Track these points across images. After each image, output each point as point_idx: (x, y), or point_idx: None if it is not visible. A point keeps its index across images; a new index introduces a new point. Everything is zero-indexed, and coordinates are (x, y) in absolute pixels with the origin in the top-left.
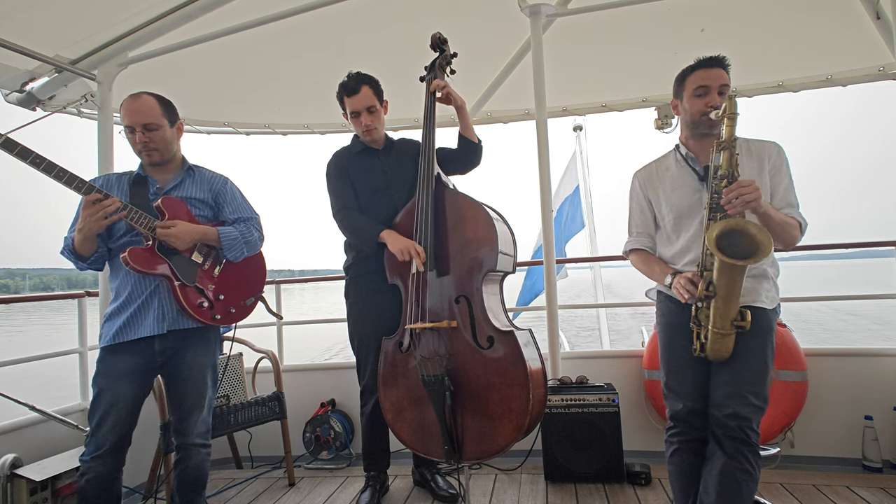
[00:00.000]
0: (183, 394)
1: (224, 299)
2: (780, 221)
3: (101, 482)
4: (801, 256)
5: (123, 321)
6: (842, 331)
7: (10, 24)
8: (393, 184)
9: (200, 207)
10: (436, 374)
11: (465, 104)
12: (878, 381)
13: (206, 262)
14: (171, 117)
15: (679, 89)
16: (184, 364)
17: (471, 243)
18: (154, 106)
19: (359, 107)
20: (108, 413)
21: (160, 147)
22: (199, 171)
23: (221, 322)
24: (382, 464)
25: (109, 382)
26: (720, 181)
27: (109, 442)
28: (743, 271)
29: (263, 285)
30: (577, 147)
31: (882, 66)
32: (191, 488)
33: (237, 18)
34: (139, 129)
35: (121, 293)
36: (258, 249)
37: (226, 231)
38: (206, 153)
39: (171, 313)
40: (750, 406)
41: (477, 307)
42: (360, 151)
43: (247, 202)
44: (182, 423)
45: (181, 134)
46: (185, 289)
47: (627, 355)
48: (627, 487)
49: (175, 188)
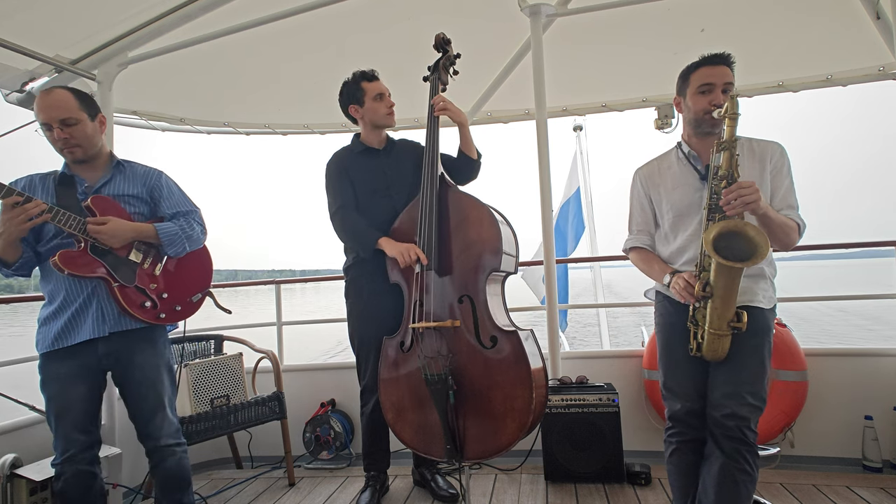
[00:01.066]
0: (140, 397)
1: (168, 297)
2: (779, 223)
3: (78, 480)
4: (801, 256)
5: (61, 326)
6: (842, 331)
7: (10, 24)
8: (393, 185)
9: (135, 204)
10: (439, 374)
11: (466, 120)
12: (878, 381)
13: (146, 261)
14: (90, 111)
15: (683, 86)
16: (134, 367)
17: (474, 243)
18: (69, 99)
19: (383, 89)
20: (63, 416)
21: (82, 142)
22: (129, 166)
23: (167, 320)
24: (382, 464)
25: (57, 388)
26: (720, 182)
27: (75, 443)
28: (740, 273)
29: (210, 280)
30: (577, 147)
31: (882, 66)
32: (175, 489)
33: (237, 18)
34: (56, 125)
35: (55, 297)
36: (201, 243)
37: (164, 227)
38: (206, 153)
39: (111, 315)
40: (748, 406)
41: (480, 307)
42: (360, 151)
43: (185, 195)
44: (148, 427)
45: (104, 128)
46: (124, 289)
47: (627, 355)
48: (627, 487)
49: (105, 185)
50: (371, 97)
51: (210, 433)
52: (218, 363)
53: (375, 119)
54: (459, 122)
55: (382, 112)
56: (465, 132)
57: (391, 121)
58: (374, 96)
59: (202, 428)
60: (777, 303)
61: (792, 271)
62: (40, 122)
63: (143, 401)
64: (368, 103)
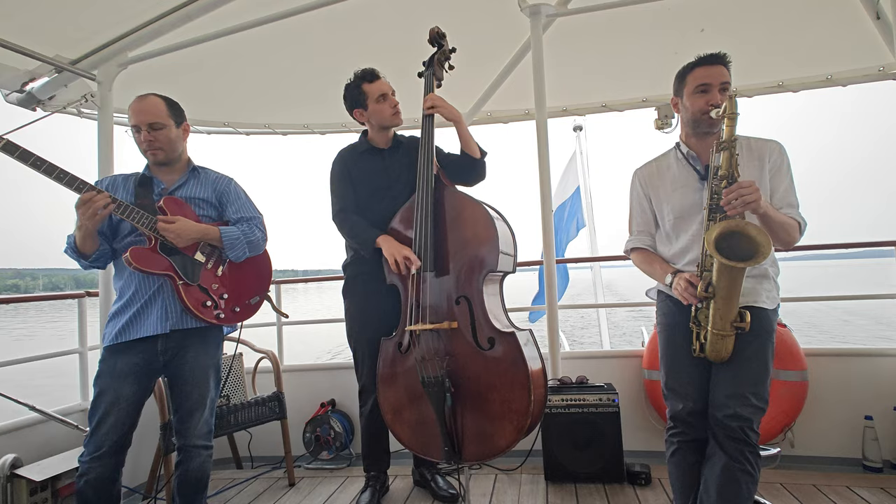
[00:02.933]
0: (185, 395)
1: (228, 298)
2: (779, 222)
3: (100, 483)
4: (801, 256)
5: (126, 320)
6: (842, 331)
7: (10, 24)
8: (395, 184)
9: (204, 207)
10: (436, 376)
11: (460, 117)
12: (878, 381)
13: (210, 262)
14: (177, 118)
15: (679, 87)
16: (185, 364)
17: (471, 243)
18: (160, 105)
19: (387, 89)
20: (109, 413)
21: (165, 146)
22: (204, 171)
23: (225, 321)
24: (382, 464)
25: (111, 382)
26: (720, 182)
27: (109, 442)
28: (742, 273)
29: (269, 285)
30: (577, 147)
31: (882, 66)
32: (192, 489)
33: (237, 18)
34: (145, 128)
35: (124, 293)
36: (262, 249)
37: (227, 230)
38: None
39: (174, 313)
40: (751, 407)
41: (477, 308)
42: (365, 150)
43: (251, 202)
44: (183, 425)
45: (187, 135)
46: (188, 288)
47: (627, 355)
48: (627, 487)
49: (179, 188)
50: (374, 99)
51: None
52: None
53: (381, 121)
54: (453, 120)
55: (388, 113)
56: (461, 130)
57: (398, 120)
58: (377, 98)
59: None
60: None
61: (792, 271)
62: (131, 125)
63: (186, 399)
64: (372, 106)
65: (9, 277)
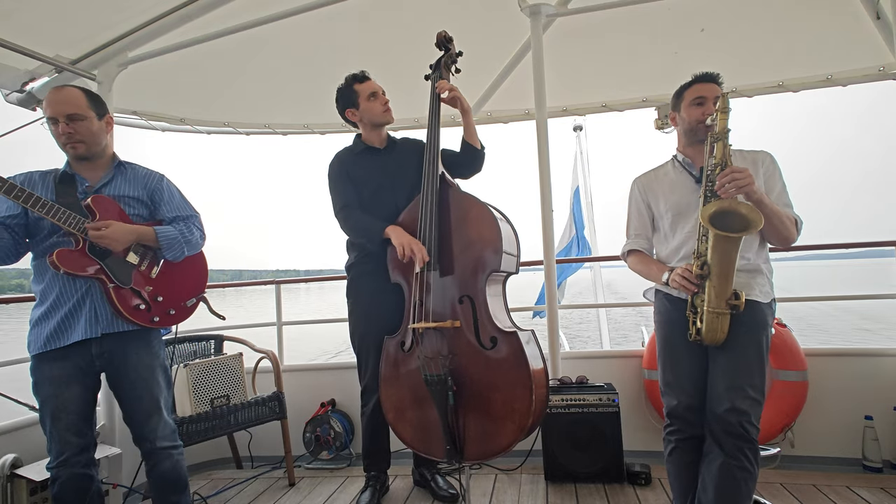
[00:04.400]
0: (135, 398)
1: (163, 301)
2: (775, 211)
3: (74, 482)
4: (802, 256)
5: (53, 327)
6: (841, 331)
7: (10, 24)
8: (394, 183)
9: (134, 206)
10: (438, 374)
11: (470, 109)
12: (878, 381)
13: (143, 263)
14: (98, 110)
15: (677, 102)
16: (128, 368)
17: (475, 243)
18: (79, 96)
19: (377, 88)
20: (58, 419)
21: (86, 139)
22: (131, 167)
23: (161, 324)
24: (383, 464)
25: (51, 391)
26: (714, 169)
27: (70, 447)
28: (736, 247)
29: (205, 285)
30: (577, 147)
31: (882, 66)
32: (171, 491)
33: (237, 18)
34: (62, 120)
35: (47, 296)
36: (199, 248)
37: (164, 230)
38: (206, 153)
39: (104, 316)
40: (749, 399)
41: (480, 307)
42: (361, 151)
43: (185, 200)
44: (143, 429)
45: (111, 128)
46: (119, 291)
47: (627, 355)
48: (627, 487)
49: (106, 185)
50: (365, 98)
51: (210, 433)
52: (218, 363)
53: (373, 118)
54: (465, 110)
55: (378, 110)
56: (468, 120)
57: (388, 117)
58: (368, 96)
59: (202, 428)
60: (777, 302)
61: (792, 271)
62: (47, 117)
63: (137, 402)
64: (363, 104)
65: (13, 277)
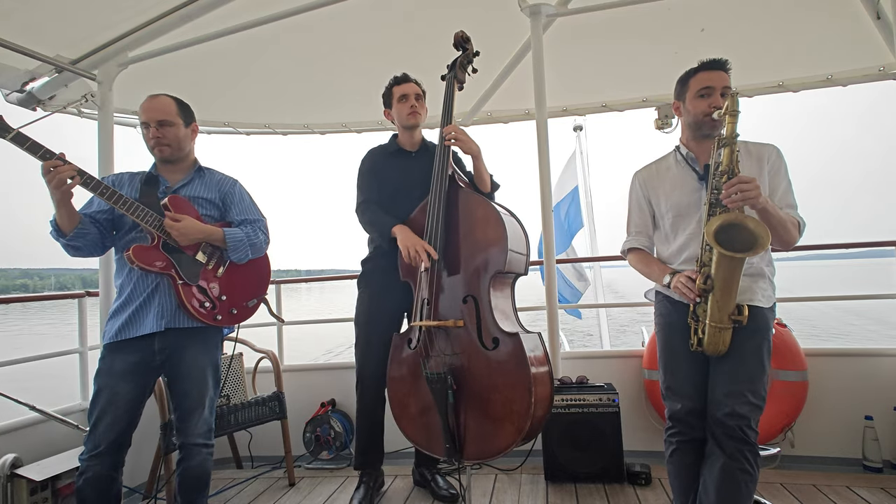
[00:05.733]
0: (183, 393)
1: (227, 300)
2: (779, 218)
3: (98, 482)
4: (802, 256)
5: (125, 319)
6: (842, 331)
7: (10, 24)
8: (415, 187)
9: (207, 207)
10: (439, 373)
11: (479, 152)
12: (878, 381)
13: (210, 262)
14: (186, 118)
15: (682, 91)
16: (183, 363)
17: (480, 243)
18: (170, 104)
19: (409, 90)
20: (106, 411)
21: (172, 143)
22: (209, 172)
23: (223, 323)
24: (376, 462)
25: (108, 381)
26: (720, 177)
27: (106, 441)
28: (741, 265)
29: (267, 287)
30: (577, 147)
31: (882, 66)
32: (193, 488)
33: (237, 18)
34: (153, 125)
35: (123, 290)
36: (263, 252)
37: (231, 232)
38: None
39: (170, 310)
40: (748, 405)
41: (484, 307)
42: (393, 152)
43: (254, 205)
44: (183, 423)
45: (195, 136)
46: (187, 287)
47: (627, 355)
48: (627, 487)
49: (184, 187)
50: (396, 99)
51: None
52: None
53: (399, 120)
54: (472, 154)
55: (404, 113)
56: (478, 165)
57: (412, 120)
58: (399, 98)
59: None
60: (777, 303)
61: (792, 271)
62: (141, 122)
63: (185, 397)
64: (395, 105)
65: (16, 277)
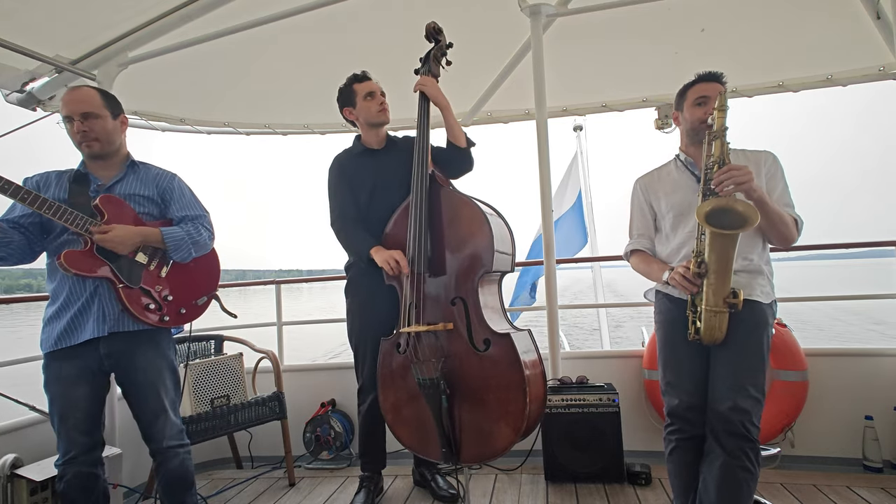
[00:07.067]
0: (142, 399)
1: (174, 300)
2: (775, 211)
3: (80, 482)
4: (802, 256)
5: (64, 326)
6: (842, 331)
7: (10, 24)
8: (391, 182)
9: (145, 205)
10: (431, 378)
11: (448, 105)
12: (878, 381)
13: (152, 263)
14: (113, 109)
15: (680, 101)
16: (136, 368)
17: (466, 243)
18: (94, 95)
19: (374, 88)
20: (66, 418)
21: (100, 137)
22: (144, 167)
23: (171, 323)
24: (378, 465)
25: (60, 388)
26: (712, 167)
27: (77, 445)
28: (733, 244)
29: (217, 283)
30: (577, 147)
31: (882, 66)
32: (178, 490)
33: (237, 18)
34: (77, 118)
35: (58, 295)
36: (209, 248)
37: (170, 231)
38: (206, 153)
39: (112, 315)
40: (750, 398)
41: (473, 309)
42: (360, 152)
43: (196, 199)
44: (150, 429)
45: (125, 128)
46: (129, 291)
47: (627, 355)
48: (628, 487)
49: (117, 184)
50: (361, 97)
51: (210, 433)
52: (218, 363)
53: (368, 117)
54: (440, 106)
55: (374, 110)
56: (447, 116)
57: (384, 117)
58: (365, 95)
59: (202, 428)
60: (777, 303)
61: (792, 272)
62: (63, 116)
63: (144, 403)
64: (360, 103)
65: (20, 277)
